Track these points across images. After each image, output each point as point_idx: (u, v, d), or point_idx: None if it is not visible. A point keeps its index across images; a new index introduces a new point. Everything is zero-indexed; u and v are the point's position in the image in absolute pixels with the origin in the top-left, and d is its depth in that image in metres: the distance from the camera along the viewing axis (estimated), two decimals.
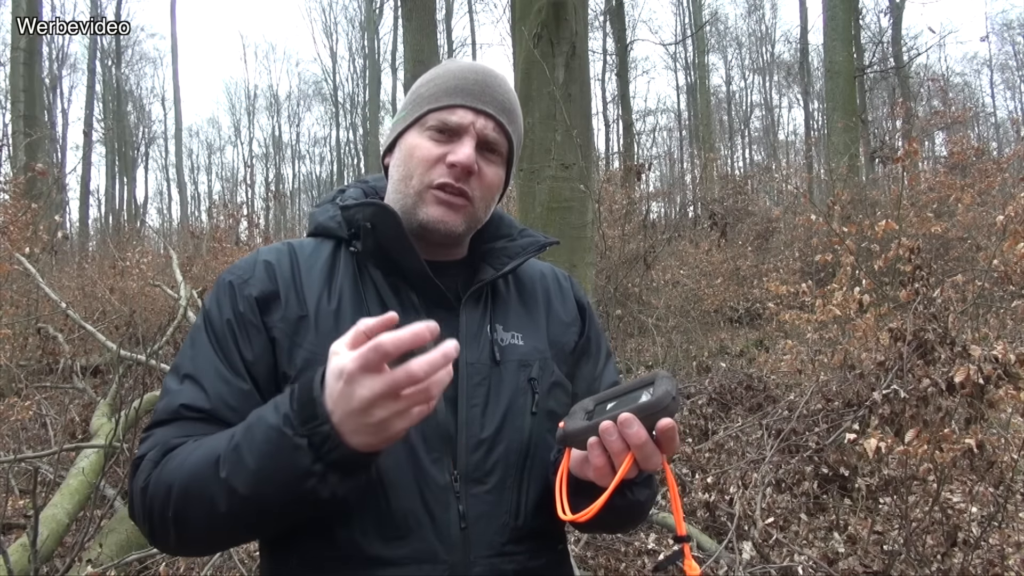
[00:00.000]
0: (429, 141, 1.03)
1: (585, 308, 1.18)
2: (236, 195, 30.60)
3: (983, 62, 32.74)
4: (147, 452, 0.93)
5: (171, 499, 0.86)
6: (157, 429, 0.95)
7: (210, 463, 0.84)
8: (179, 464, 0.87)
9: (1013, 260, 4.61)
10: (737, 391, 5.43)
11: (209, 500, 0.83)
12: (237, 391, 0.95)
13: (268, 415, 0.82)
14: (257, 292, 0.99)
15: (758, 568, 3.06)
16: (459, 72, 1.06)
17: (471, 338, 1.02)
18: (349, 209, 1.06)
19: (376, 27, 31.86)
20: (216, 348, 0.97)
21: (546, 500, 1.00)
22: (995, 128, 30.17)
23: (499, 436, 0.98)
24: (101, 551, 3.06)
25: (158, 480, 0.88)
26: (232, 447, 0.83)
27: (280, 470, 0.80)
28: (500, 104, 1.05)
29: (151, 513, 0.89)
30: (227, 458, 0.82)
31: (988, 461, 3.31)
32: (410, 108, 1.08)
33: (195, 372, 0.96)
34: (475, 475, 0.96)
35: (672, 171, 29.71)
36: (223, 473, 0.82)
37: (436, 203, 1.02)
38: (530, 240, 1.12)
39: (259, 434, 0.81)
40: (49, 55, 25.17)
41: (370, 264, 1.04)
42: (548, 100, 4.70)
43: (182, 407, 0.94)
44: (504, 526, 0.97)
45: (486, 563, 0.94)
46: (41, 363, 7.13)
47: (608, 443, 0.83)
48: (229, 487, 0.82)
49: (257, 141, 39.33)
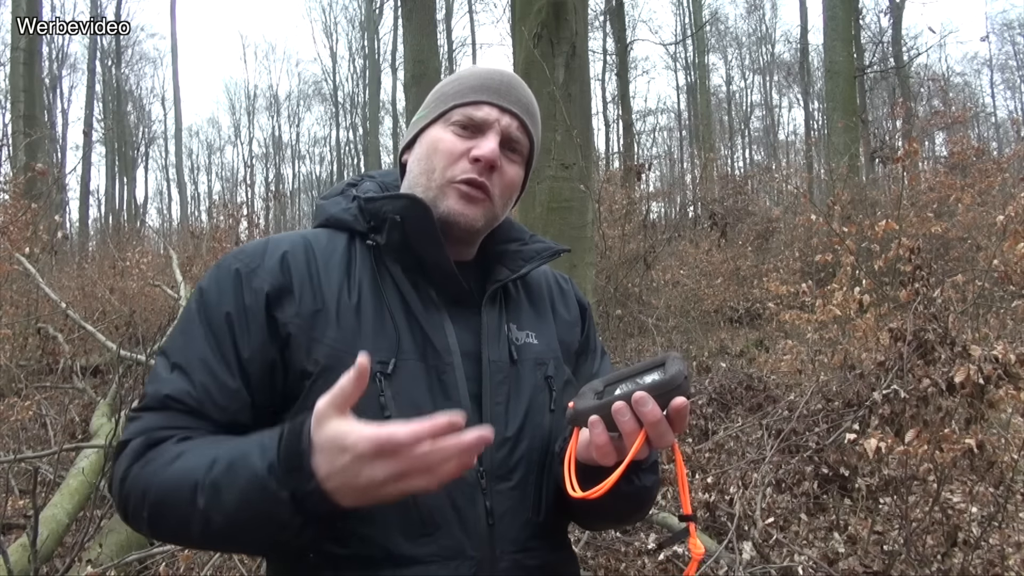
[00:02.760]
0: (453, 136, 1.03)
1: (585, 308, 1.20)
2: (236, 195, 30.60)
3: (983, 62, 32.71)
4: (132, 438, 0.92)
5: (145, 503, 0.87)
6: (145, 413, 0.93)
7: (188, 486, 0.83)
8: (157, 471, 0.87)
9: (1013, 260, 4.61)
10: (737, 391, 5.43)
11: (184, 520, 0.84)
12: (226, 389, 0.93)
13: (254, 459, 0.81)
14: (268, 287, 0.96)
15: (758, 568, 3.06)
16: (484, 73, 1.08)
17: (492, 337, 1.02)
18: (375, 201, 1.03)
19: (376, 27, 31.85)
20: (209, 339, 0.95)
21: (562, 496, 1.00)
22: (995, 128, 30.14)
23: (522, 433, 0.99)
24: (101, 551, 3.06)
25: (136, 478, 0.88)
26: (211, 481, 0.82)
27: (258, 517, 0.80)
28: (524, 105, 1.07)
29: (126, 505, 0.90)
30: (206, 490, 0.82)
31: (988, 461, 3.31)
32: (433, 105, 1.08)
33: (184, 363, 0.94)
34: (500, 472, 0.97)
35: (672, 171, 29.69)
36: (200, 503, 0.82)
37: (458, 196, 1.01)
38: (543, 246, 1.14)
39: (242, 478, 0.80)
40: (49, 55, 25.21)
41: (389, 259, 1.02)
42: (548, 100, 4.69)
43: (167, 398, 0.92)
44: (528, 522, 0.97)
45: (511, 559, 0.95)
46: (41, 363, 7.13)
47: (621, 423, 0.83)
48: (206, 517, 0.82)
49: (257, 141, 39.31)
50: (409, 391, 0.94)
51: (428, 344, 0.98)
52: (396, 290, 1.01)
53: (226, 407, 0.93)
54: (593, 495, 0.85)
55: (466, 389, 0.97)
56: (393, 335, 0.96)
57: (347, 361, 0.92)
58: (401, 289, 1.01)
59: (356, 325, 0.96)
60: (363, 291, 0.99)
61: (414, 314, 0.99)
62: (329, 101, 36.68)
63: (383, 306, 0.99)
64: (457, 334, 1.00)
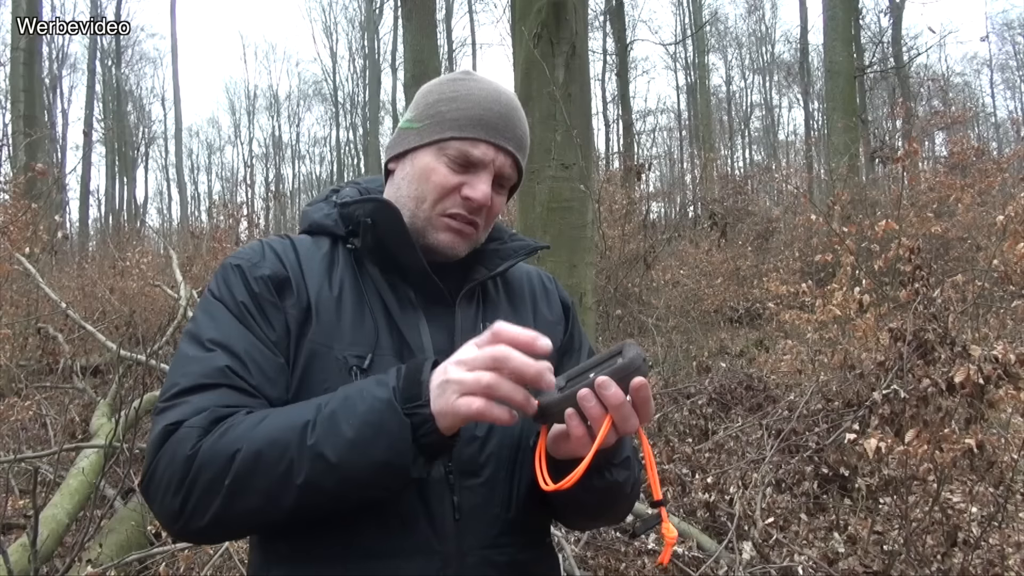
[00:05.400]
0: (447, 169, 1.03)
1: (569, 308, 1.21)
2: (236, 195, 30.60)
3: (983, 62, 32.71)
4: (185, 418, 0.86)
5: (234, 464, 0.82)
6: (194, 396, 0.88)
7: (295, 429, 0.83)
8: (249, 429, 0.84)
9: (1013, 260, 4.61)
10: (737, 391, 5.42)
11: (287, 466, 0.81)
12: (273, 363, 0.93)
13: (372, 388, 0.84)
14: (270, 272, 0.99)
15: (758, 568, 3.06)
16: (483, 100, 1.05)
17: (466, 335, 1.01)
18: (349, 206, 1.06)
19: (376, 27, 31.87)
20: (237, 323, 0.94)
21: (535, 494, 1.01)
22: (995, 128, 30.17)
23: (492, 431, 1.00)
24: (101, 551, 3.06)
25: (215, 446, 0.84)
26: (327, 414, 0.83)
27: (380, 442, 0.81)
28: (519, 140, 1.07)
29: (194, 482, 0.83)
30: (320, 424, 0.82)
31: (988, 461, 3.31)
32: (429, 125, 1.05)
33: (225, 339, 0.92)
34: (469, 468, 0.98)
35: (672, 171, 29.71)
36: (311, 440, 0.81)
37: (447, 230, 1.04)
38: (521, 244, 1.14)
39: (362, 404, 0.82)
40: (49, 55, 25.20)
41: (368, 261, 1.05)
42: (548, 100, 4.69)
43: (227, 368, 0.90)
44: (496, 518, 0.98)
45: (478, 554, 0.96)
46: (41, 363, 7.12)
47: (587, 409, 0.83)
48: (317, 453, 0.81)
49: (257, 141, 39.35)
50: None
51: (404, 344, 1.00)
52: (375, 291, 1.03)
53: (276, 380, 0.93)
54: (564, 486, 0.85)
55: None
56: (372, 331, 0.99)
57: (324, 355, 0.95)
58: (380, 290, 1.03)
59: (336, 321, 0.98)
60: (344, 290, 1.02)
61: (391, 314, 1.02)
62: (329, 101, 36.73)
63: (363, 304, 1.01)
64: (432, 333, 1.02)
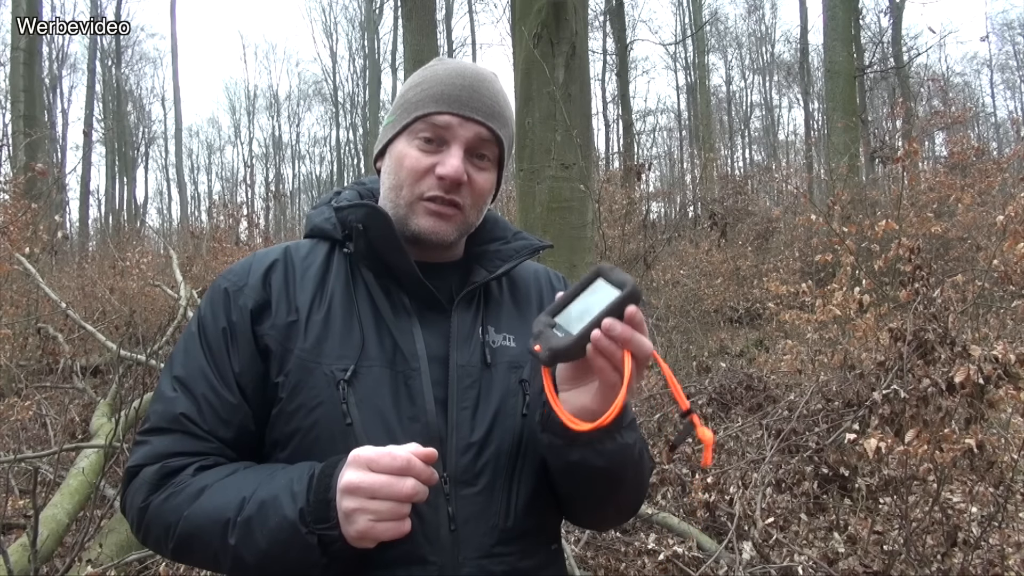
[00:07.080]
0: (417, 151, 1.02)
1: None
2: (236, 195, 30.67)
3: (983, 62, 32.74)
4: (144, 464, 0.96)
5: (172, 536, 0.92)
6: (154, 437, 0.97)
7: (218, 523, 0.88)
8: (182, 504, 0.91)
9: (1013, 260, 4.61)
10: (737, 391, 5.42)
11: (213, 556, 0.90)
12: (227, 404, 0.97)
13: (284, 503, 0.86)
14: (252, 304, 1.00)
15: (758, 568, 3.06)
16: (445, 77, 1.04)
17: (462, 340, 1.02)
18: (343, 211, 1.05)
19: (376, 27, 31.87)
20: (208, 357, 0.99)
21: (537, 500, 1.00)
22: (995, 128, 30.19)
23: (489, 438, 0.98)
24: (101, 551, 3.06)
25: (159, 510, 0.93)
26: (244, 519, 0.87)
27: (289, 557, 0.86)
28: (488, 109, 1.03)
29: (146, 533, 0.96)
30: (239, 527, 0.87)
31: (988, 461, 3.31)
32: (398, 114, 1.06)
33: (188, 380, 0.98)
34: (464, 477, 0.96)
35: (672, 171, 29.72)
36: (232, 540, 0.88)
37: (427, 214, 1.02)
38: (524, 243, 1.12)
39: (273, 520, 0.86)
40: (49, 55, 25.22)
41: (362, 266, 1.04)
42: (548, 100, 4.70)
43: (182, 416, 0.96)
44: (493, 527, 0.96)
45: (475, 564, 0.94)
46: (41, 363, 7.12)
47: (603, 348, 0.82)
48: (237, 554, 0.88)
49: (257, 141, 39.34)
50: (372, 398, 0.95)
51: (397, 350, 0.98)
52: (368, 297, 1.02)
53: (230, 421, 0.97)
54: (604, 422, 0.83)
55: (432, 395, 0.97)
56: (358, 341, 0.98)
57: (312, 370, 0.95)
58: (373, 295, 1.02)
59: (324, 333, 0.98)
60: (335, 300, 1.01)
61: (384, 320, 1.00)
62: (329, 101, 36.72)
63: (353, 314, 1.00)
64: (426, 339, 1.00)
